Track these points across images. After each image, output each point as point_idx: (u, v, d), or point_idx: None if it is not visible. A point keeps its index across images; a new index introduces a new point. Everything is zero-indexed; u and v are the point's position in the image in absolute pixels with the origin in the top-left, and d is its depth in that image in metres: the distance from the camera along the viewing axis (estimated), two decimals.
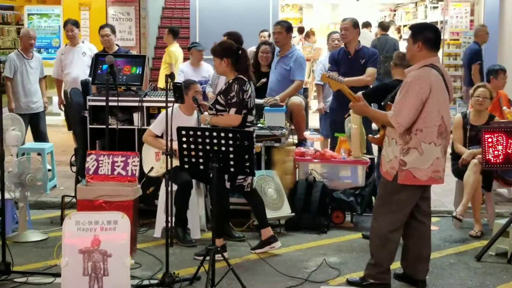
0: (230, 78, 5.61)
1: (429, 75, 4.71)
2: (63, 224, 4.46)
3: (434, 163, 4.75)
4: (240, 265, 5.48)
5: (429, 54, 4.79)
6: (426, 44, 4.78)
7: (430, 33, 4.83)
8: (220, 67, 5.63)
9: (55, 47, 12.33)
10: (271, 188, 6.39)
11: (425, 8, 14.57)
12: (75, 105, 6.95)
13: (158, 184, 6.36)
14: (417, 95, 4.64)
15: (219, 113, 5.57)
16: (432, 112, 4.69)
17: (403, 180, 4.77)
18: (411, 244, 5.06)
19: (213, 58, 5.65)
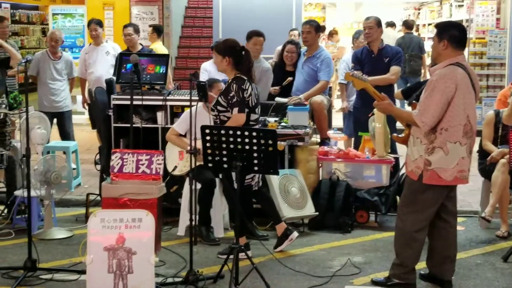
0: (230, 77, 5.57)
1: (455, 73, 4.65)
2: (88, 221, 4.48)
3: (460, 163, 4.70)
4: (264, 264, 5.47)
5: (455, 53, 4.74)
6: (452, 42, 4.72)
7: (456, 31, 4.77)
8: (221, 64, 5.58)
9: (79, 47, 12.43)
10: (294, 187, 6.37)
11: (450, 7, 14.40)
12: (99, 104, 6.99)
13: (181, 182, 6.38)
14: (443, 94, 4.60)
15: (221, 114, 5.50)
16: (458, 111, 4.64)
17: (428, 180, 4.73)
18: (437, 244, 5.01)
19: (214, 54, 5.64)
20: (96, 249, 4.38)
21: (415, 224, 4.86)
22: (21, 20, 18.01)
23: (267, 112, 6.98)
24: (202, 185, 5.93)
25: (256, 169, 4.89)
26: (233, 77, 5.52)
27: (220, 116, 5.51)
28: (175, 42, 13.29)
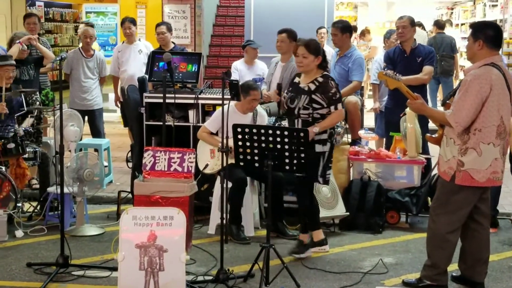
0: (314, 75, 5.49)
1: (490, 74, 4.59)
2: (120, 218, 4.52)
3: (493, 164, 4.64)
4: (294, 263, 5.46)
5: (490, 53, 4.68)
6: (487, 42, 4.67)
7: (491, 31, 4.71)
8: (312, 63, 5.46)
9: (112, 45, 12.55)
10: (325, 187, 6.35)
11: (483, 6, 14.22)
12: (132, 102, 7.04)
13: (212, 181, 6.40)
14: (477, 94, 4.54)
15: (316, 111, 5.42)
16: (492, 111, 4.59)
17: (461, 181, 4.68)
18: (469, 246, 4.96)
19: (300, 54, 5.45)
20: (128, 246, 4.41)
21: (448, 226, 4.81)
22: (55, 18, 18.24)
23: None
24: (233, 184, 5.93)
25: (288, 168, 4.89)
26: (322, 74, 5.51)
27: (313, 114, 5.44)
28: (207, 41, 13.33)
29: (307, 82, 5.50)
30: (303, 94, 5.46)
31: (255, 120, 6.21)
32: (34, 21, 8.50)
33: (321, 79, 5.46)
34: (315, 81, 5.46)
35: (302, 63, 5.48)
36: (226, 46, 13.55)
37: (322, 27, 10.36)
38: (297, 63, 5.55)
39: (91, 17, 13.19)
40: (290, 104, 5.53)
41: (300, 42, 5.55)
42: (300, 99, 5.45)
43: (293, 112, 5.50)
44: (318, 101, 5.42)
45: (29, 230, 6.27)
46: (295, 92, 5.53)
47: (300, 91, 5.50)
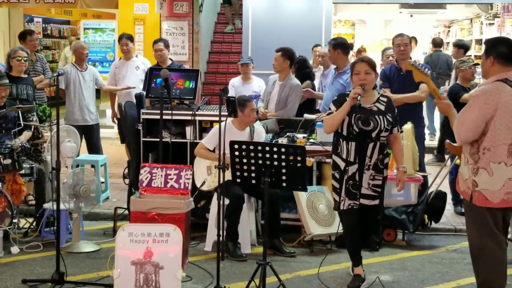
0: (373, 95, 5.22)
1: (499, 90, 4.43)
2: (116, 235, 4.50)
3: (506, 185, 4.43)
4: (291, 281, 5.43)
5: (503, 69, 4.53)
6: (498, 59, 4.54)
7: (504, 48, 4.58)
8: (374, 80, 5.22)
9: (109, 61, 12.58)
10: (322, 204, 6.34)
11: (480, 25, 14.31)
12: (129, 118, 7.05)
13: (209, 197, 6.39)
14: (480, 109, 4.41)
15: (385, 133, 5.15)
16: (500, 129, 4.42)
17: (477, 201, 4.52)
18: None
19: (362, 71, 5.11)
20: (124, 263, 4.40)
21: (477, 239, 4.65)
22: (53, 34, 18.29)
23: (295, 128, 6.98)
24: (230, 201, 5.92)
25: (285, 185, 4.88)
26: (381, 94, 5.32)
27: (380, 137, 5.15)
28: (205, 57, 13.37)
29: (371, 103, 5.19)
30: (377, 115, 5.12)
31: (252, 137, 6.21)
32: (36, 37, 8.56)
33: (384, 98, 5.25)
34: (381, 101, 5.21)
35: (366, 81, 5.12)
36: (224, 62, 13.59)
37: (318, 45, 10.41)
38: (359, 81, 5.10)
39: (89, 33, 13.23)
40: (364, 127, 5.08)
41: (361, 59, 5.27)
42: (377, 121, 5.10)
43: (369, 136, 5.09)
44: (390, 121, 5.17)
45: (25, 246, 6.23)
46: (364, 114, 5.10)
47: (369, 112, 5.13)
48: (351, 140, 5.12)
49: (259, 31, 11.69)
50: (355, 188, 5.14)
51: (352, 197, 5.16)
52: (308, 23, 11.53)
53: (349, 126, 5.11)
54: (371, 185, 5.17)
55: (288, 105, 7.31)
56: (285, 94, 7.30)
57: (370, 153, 5.12)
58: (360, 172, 5.13)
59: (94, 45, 12.86)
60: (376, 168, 5.15)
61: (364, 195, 5.17)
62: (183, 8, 12.24)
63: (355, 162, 5.12)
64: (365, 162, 5.12)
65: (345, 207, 5.17)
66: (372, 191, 5.18)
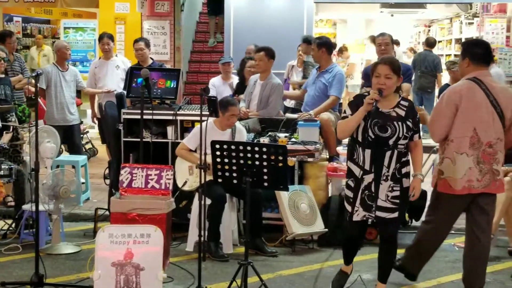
0: (394, 99, 4.76)
1: (462, 87, 4.84)
2: (96, 236, 4.46)
3: (467, 173, 4.83)
4: (273, 280, 5.42)
5: (476, 69, 4.88)
6: (473, 60, 4.88)
7: (478, 49, 4.93)
8: (394, 86, 4.73)
9: (90, 61, 12.49)
10: (304, 203, 6.34)
11: (460, 24, 14.40)
12: (109, 118, 7.00)
13: (190, 197, 6.36)
14: (446, 105, 4.83)
15: (404, 141, 4.71)
16: (463, 123, 4.80)
17: (441, 188, 4.95)
18: (465, 257, 5.04)
19: (383, 74, 4.66)
20: (104, 264, 4.35)
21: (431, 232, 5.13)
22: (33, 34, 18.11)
23: (277, 128, 6.97)
24: (212, 201, 5.90)
25: (266, 185, 4.86)
26: (402, 98, 4.81)
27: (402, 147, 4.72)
28: (186, 57, 13.32)
29: (391, 107, 4.74)
30: (396, 121, 4.69)
31: (234, 137, 6.19)
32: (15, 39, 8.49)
33: (405, 103, 4.77)
34: (401, 106, 4.75)
35: (386, 85, 4.66)
36: (205, 62, 13.54)
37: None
38: (377, 85, 4.67)
39: (69, 33, 13.13)
40: (380, 133, 4.67)
41: (383, 60, 4.82)
42: (395, 127, 4.67)
43: (386, 143, 4.68)
44: (411, 128, 4.72)
45: (4, 248, 6.16)
46: (381, 119, 4.69)
47: (387, 117, 4.71)
48: (366, 147, 4.69)
49: (240, 30, 11.67)
50: (370, 199, 4.72)
51: (367, 208, 4.74)
52: (290, 23, 11.53)
53: (364, 132, 4.69)
54: (390, 197, 4.70)
55: (270, 105, 7.30)
56: (267, 93, 7.29)
57: (388, 162, 4.68)
58: (376, 183, 4.70)
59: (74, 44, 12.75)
60: (394, 178, 4.69)
61: (381, 208, 4.72)
62: (164, 8, 12.19)
63: (371, 171, 4.70)
64: (382, 172, 4.67)
65: (359, 219, 4.78)
66: (391, 203, 4.71)
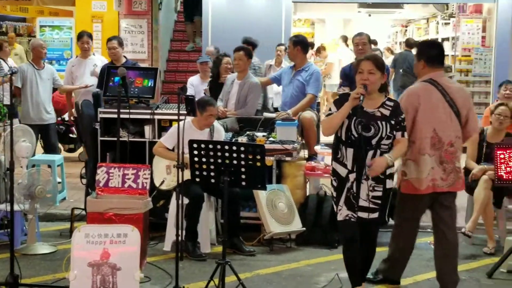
0: (378, 98, 4.75)
1: (419, 89, 4.95)
2: (72, 236, 4.43)
3: (431, 173, 4.92)
4: (251, 279, 5.42)
5: (432, 70, 4.98)
6: (428, 61, 4.98)
7: (433, 51, 5.06)
8: (378, 82, 4.71)
9: (66, 59, 12.38)
10: (282, 202, 6.35)
11: (436, 24, 14.52)
12: (86, 117, 6.95)
13: (168, 197, 6.33)
14: (407, 109, 4.87)
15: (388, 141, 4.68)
16: (423, 124, 4.90)
17: (404, 189, 5.04)
18: (436, 254, 5.18)
19: (366, 69, 4.68)
20: (80, 264, 4.32)
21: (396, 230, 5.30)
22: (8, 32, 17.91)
23: (255, 127, 6.97)
24: (190, 200, 5.88)
25: (244, 184, 4.86)
26: (388, 98, 4.81)
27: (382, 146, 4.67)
28: (164, 56, 13.27)
29: (375, 107, 4.72)
30: (380, 121, 4.66)
31: (212, 136, 6.18)
32: None
33: (390, 103, 4.75)
34: (386, 106, 4.73)
35: (369, 80, 4.66)
36: (183, 61, 13.52)
37: (281, 44, 10.45)
38: (361, 81, 4.68)
39: (46, 31, 13.01)
40: (364, 132, 4.63)
41: (366, 56, 4.84)
42: (379, 127, 4.65)
43: (368, 142, 4.63)
44: (394, 126, 4.69)
45: None
46: (365, 118, 4.66)
47: (372, 117, 4.68)
48: (349, 146, 4.67)
49: (218, 29, 11.65)
50: (354, 198, 4.69)
51: (350, 207, 4.70)
52: (268, 22, 11.55)
53: (348, 131, 4.65)
54: (371, 196, 4.66)
55: (248, 104, 7.30)
56: (245, 92, 7.30)
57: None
58: (357, 183, 4.66)
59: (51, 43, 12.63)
60: (376, 178, 4.64)
61: (362, 208, 4.69)
62: (142, 6, 12.14)
63: (353, 171, 4.67)
64: (363, 172, 4.63)
65: (342, 218, 4.73)
66: (372, 203, 4.67)
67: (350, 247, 4.85)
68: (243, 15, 11.74)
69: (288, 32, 11.67)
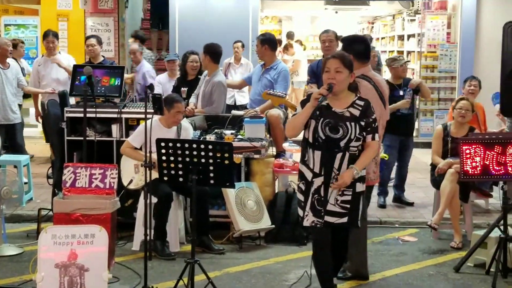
0: (348, 98, 4.59)
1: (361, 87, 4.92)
2: (39, 238, 4.39)
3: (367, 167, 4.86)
4: (220, 278, 5.43)
5: (361, 66, 5.06)
6: (356, 57, 4.98)
7: (360, 46, 5.16)
8: (346, 80, 4.55)
9: (32, 58, 12.22)
10: (251, 200, 6.36)
11: (402, 21, 14.66)
12: (52, 117, 6.88)
13: (137, 196, 6.30)
14: None
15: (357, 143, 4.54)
16: None
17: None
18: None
19: (332, 68, 4.53)
20: (47, 266, 4.29)
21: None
22: None
23: (223, 125, 6.97)
24: (158, 199, 5.86)
25: (212, 182, 4.85)
26: (358, 97, 4.63)
27: (351, 149, 4.53)
28: None
29: (344, 107, 4.56)
30: (349, 122, 4.51)
31: (179, 134, 6.16)
32: None
33: (361, 102, 4.58)
34: (356, 105, 4.56)
35: (336, 80, 4.49)
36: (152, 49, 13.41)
37: (237, 41, 10.48)
38: (327, 80, 4.53)
39: (11, 30, 12.83)
40: (331, 134, 4.50)
41: (333, 54, 4.68)
42: (347, 128, 4.49)
43: (337, 144, 4.49)
44: (364, 127, 4.53)
45: None
46: (333, 119, 4.51)
47: (340, 117, 4.52)
48: (317, 148, 4.52)
49: (186, 27, 11.62)
50: (320, 204, 4.54)
51: (316, 213, 4.56)
52: (236, 20, 11.56)
53: (315, 132, 4.51)
54: (339, 201, 4.53)
55: (214, 102, 7.29)
56: (209, 90, 7.30)
57: (338, 164, 4.49)
58: (326, 187, 4.52)
59: None
60: None
61: (330, 212, 4.54)
62: (108, 4, 12.04)
63: (320, 174, 4.53)
64: (332, 175, 4.49)
65: (309, 224, 4.61)
66: (340, 207, 4.53)
67: (321, 252, 4.71)
68: (210, 12, 11.73)
69: (256, 29, 11.70)
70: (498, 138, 5.56)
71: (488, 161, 5.53)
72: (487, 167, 5.60)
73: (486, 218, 7.22)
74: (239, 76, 9.79)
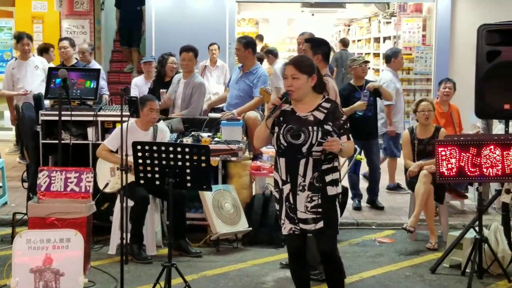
0: (314, 101, 4.37)
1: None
2: (14, 242, 4.35)
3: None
4: (197, 281, 5.41)
5: (324, 67, 5.34)
6: (324, 57, 5.41)
7: (326, 48, 5.56)
8: (305, 86, 4.31)
9: (6, 61, 12.10)
10: (228, 202, 6.35)
11: (378, 23, 14.75)
12: (27, 120, 6.82)
13: (113, 200, 6.26)
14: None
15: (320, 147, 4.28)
16: None
17: None
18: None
19: (289, 75, 4.33)
20: (22, 271, 4.25)
21: None
22: None
23: (200, 127, 6.95)
24: (135, 202, 5.83)
25: (189, 185, 4.83)
26: (325, 99, 4.41)
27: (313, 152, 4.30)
28: (107, 56, 13.09)
29: (309, 111, 4.36)
30: (311, 126, 4.31)
31: (156, 137, 6.13)
32: None
33: (327, 104, 4.37)
34: (321, 108, 4.35)
35: (293, 86, 4.30)
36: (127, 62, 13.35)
37: (213, 44, 10.48)
38: (286, 87, 4.37)
39: None
40: (292, 140, 4.31)
41: (290, 60, 4.49)
42: (309, 133, 4.28)
43: (299, 150, 4.31)
44: (331, 133, 4.31)
45: None
46: (296, 124, 4.33)
47: (303, 122, 4.33)
48: (281, 155, 4.37)
49: (162, 30, 11.58)
50: (291, 211, 4.36)
51: (291, 221, 4.37)
52: (212, 22, 11.53)
53: (277, 139, 4.36)
54: (309, 208, 4.31)
55: (192, 104, 7.27)
56: (189, 92, 7.28)
57: (303, 171, 4.29)
58: (293, 194, 4.34)
59: None
60: (312, 188, 4.29)
61: (302, 220, 4.33)
62: (83, 6, 11.97)
63: (287, 181, 4.36)
64: (298, 182, 4.31)
65: (287, 232, 4.41)
66: (312, 213, 4.31)
67: (295, 261, 4.56)
68: (187, 14, 11.69)
69: (233, 31, 11.69)
70: (473, 140, 5.61)
71: (464, 162, 5.56)
72: (462, 168, 5.64)
73: (461, 219, 7.28)
74: (215, 79, 9.79)
